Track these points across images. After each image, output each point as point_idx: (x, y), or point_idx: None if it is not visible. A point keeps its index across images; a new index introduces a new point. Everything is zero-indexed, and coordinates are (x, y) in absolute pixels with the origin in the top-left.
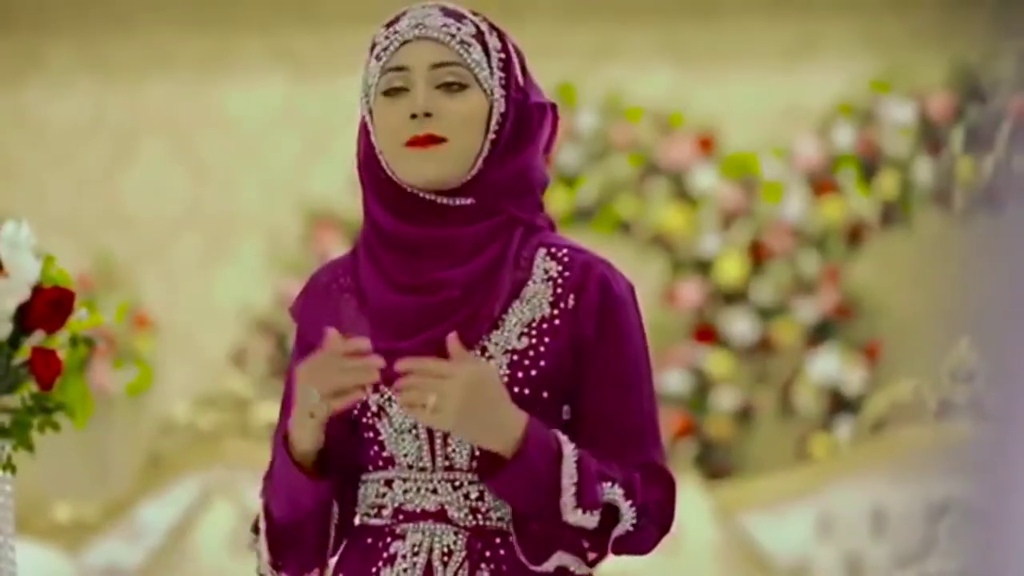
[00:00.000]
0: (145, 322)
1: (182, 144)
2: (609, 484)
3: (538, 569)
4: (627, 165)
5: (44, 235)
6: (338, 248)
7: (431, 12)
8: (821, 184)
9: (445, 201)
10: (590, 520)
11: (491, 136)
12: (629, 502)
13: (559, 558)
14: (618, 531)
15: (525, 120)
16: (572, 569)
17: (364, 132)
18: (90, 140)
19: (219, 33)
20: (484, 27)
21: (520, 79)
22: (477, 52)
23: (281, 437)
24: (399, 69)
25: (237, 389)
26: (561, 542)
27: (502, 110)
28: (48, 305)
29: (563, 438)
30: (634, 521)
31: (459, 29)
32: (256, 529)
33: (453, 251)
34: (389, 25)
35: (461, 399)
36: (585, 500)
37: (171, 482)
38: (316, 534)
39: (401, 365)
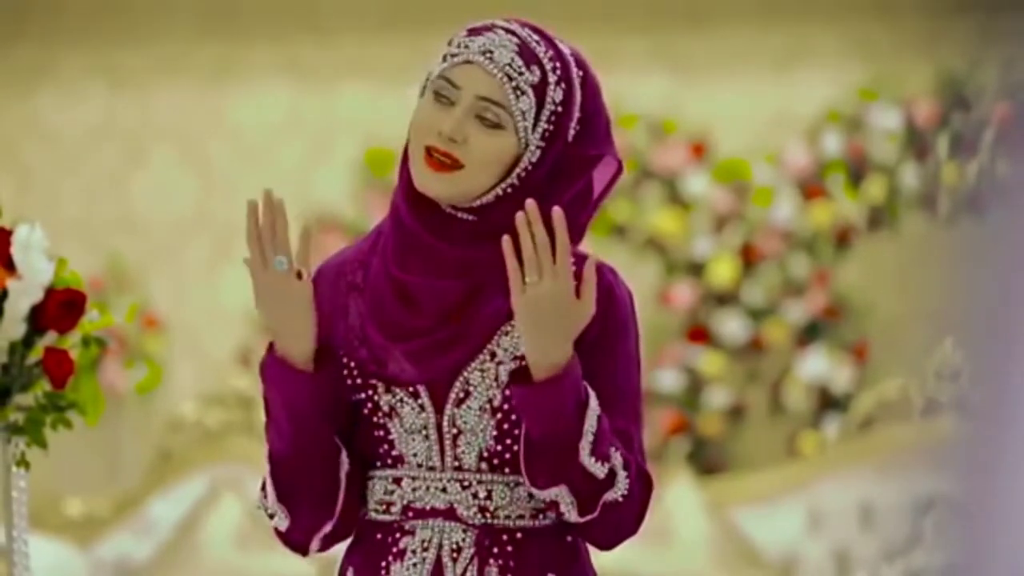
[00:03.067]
0: (154, 323)
1: (190, 150)
2: (614, 449)
3: (539, 493)
4: None
5: (57, 238)
6: None
7: (507, 44)
8: (810, 189)
9: (449, 211)
10: (600, 470)
11: (512, 181)
12: (625, 473)
13: (560, 492)
14: (610, 496)
15: (563, 170)
16: (562, 510)
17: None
18: (101, 146)
19: (226, 42)
20: (553, 77)
21: (572, 132)
22: (527, 103)
23: (267, 352)
24: (452, 84)
25: (243, 388)
26: (568, 477)
27: (533, 160)
28: (60, 306)
29: (592, 392)
30: (625, 492)
31: (521, 74)
32: (264, 489)
33: (439, 263)
34: (472, 32)
35: (552, 296)
36: (599, 450)
37: (180, 478)
38: (324, 473)
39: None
